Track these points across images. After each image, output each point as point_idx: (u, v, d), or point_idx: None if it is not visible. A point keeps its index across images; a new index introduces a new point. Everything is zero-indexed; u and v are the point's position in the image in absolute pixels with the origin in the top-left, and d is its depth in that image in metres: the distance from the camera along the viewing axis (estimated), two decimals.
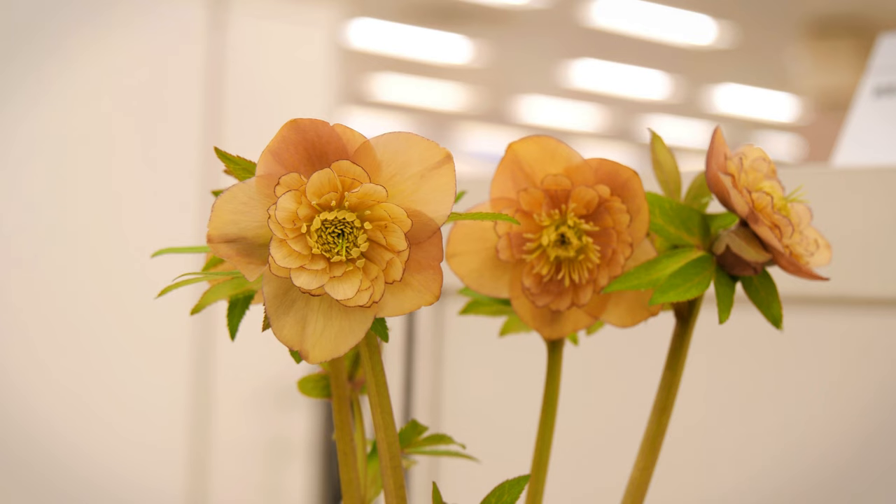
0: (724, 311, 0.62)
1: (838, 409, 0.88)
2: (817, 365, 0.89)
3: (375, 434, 0.62)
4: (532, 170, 0.64)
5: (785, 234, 0.62)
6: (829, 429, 0.88)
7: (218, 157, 0.58)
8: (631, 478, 0.66)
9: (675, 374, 0.66)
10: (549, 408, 0.68)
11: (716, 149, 0.63)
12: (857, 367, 0.88)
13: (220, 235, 0.55)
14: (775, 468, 0.90)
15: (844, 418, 0.88)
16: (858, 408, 0.87)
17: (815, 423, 0.89)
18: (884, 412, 0.86)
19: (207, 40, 3.14)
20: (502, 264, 0.65)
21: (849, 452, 0.88)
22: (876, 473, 0.87)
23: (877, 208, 0.87)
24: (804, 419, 0.89)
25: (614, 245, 0.63)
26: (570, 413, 0.85)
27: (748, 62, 8.86)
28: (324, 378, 0.70)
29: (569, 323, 0.67)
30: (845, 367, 0.88)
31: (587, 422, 0.99)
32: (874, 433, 0.87)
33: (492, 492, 0.62)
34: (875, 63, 1.05)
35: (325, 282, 0.54)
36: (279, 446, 3.27)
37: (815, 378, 0.89)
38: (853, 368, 0.88)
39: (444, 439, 0.71)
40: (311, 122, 0.54)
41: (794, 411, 0.90)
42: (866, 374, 0.87)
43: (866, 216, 0.87)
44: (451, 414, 1.08)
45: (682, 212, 0.64)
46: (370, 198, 0.54)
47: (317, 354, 0.56)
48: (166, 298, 2.12)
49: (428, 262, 0.56)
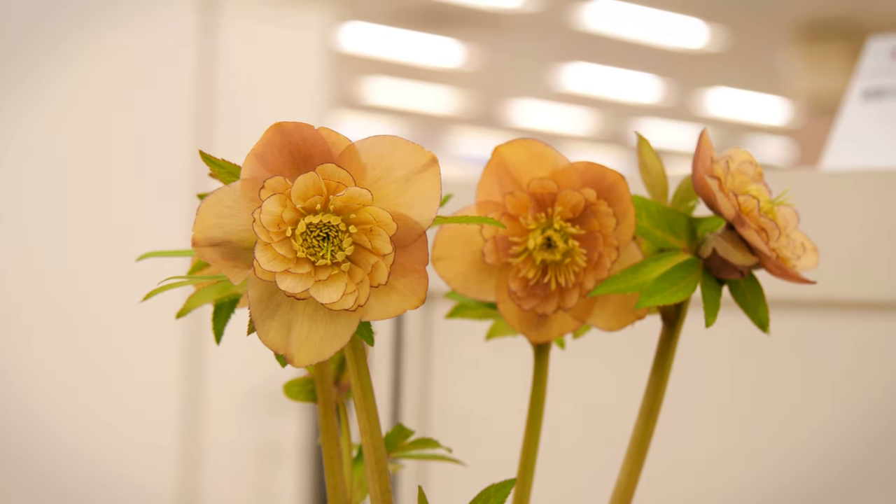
0: (711, 314, 0.62)
1: (825, 413, 0.88)
2: (804, 369, 0.89)
3: (361, 438, 0.61)
4: (518, 173, 0.64)
5: (772, 238, 0.62)
6: (815, 432, 0.88)
7: (203, 161, 0.58)
8: (617, 482, 0.66)
9: (661, 378, 0.66)
10: (536, 411, 0.68)
11: (702, 152, 0.62)
12: (844, 370, 0.88)
13: (205, 239, 0.55)
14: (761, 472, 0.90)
15: (831, 421, 0.88)
16: (845, 411, 0.87)
17: (801, 426, 0.89)
18: (871, 415, 0.86)
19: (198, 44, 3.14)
20: (488, 268, 0.65)
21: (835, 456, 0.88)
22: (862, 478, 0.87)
23: (864, 211, 0.87)
24: (790, 423, 0.89)
25: (601, 248, 0.63)
26: (557, 417, 0.85)
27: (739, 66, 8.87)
28: (310, 382, 0.70)
29: (555, 326, 0.67)
30: (832, 370, 0.88)
31: (574, 425, 0.99)
32: (861, 436, 0.87)
33: (478, 495, 0.62)
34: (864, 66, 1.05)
35: (310, 285, 0.54)
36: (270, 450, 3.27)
37: (801, 382, 0.89)
38: (840, 372, 0.88)
39: (430, 443, 0.71)
40: (295, 125, 0.54)
41: (780, 415, 0.90)
42: (854, 378, 0.87)
43: (854, 219, 0.87)
44: (439, 418, 1.08)
45: (668, 215, 0.64)
46: (355, 201, 0.54)
47: (302, 358, 0.56)
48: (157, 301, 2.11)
49: (413, 265, 0.55)
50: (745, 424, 0.92)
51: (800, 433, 0.89)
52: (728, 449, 0.93)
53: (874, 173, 0.88)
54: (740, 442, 0.92)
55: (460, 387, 1.07)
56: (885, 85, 1.03)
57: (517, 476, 0.67)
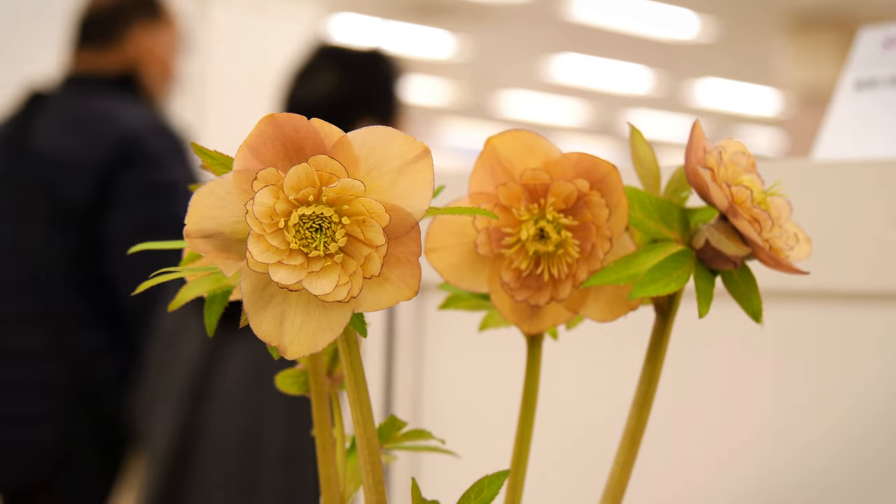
0: (704, 305, 0.62)
1: (818, 403, 0.88)
2: (797, 359, 0.90)
3: (354, 429, 0.61)
4: (511, 164, 0.64)
5: (764, 228, 0.62)
6: (807, 423, 0.88)
7: (195, 152, 0.57)
8: (611, 473, 0.66)
9: (654, 369, 0.66)
10: (529, 403, 0.68)
11: (695, 143, 0.62)
12: (837, 361, 0.88)
13: (198, 230, 0.55)
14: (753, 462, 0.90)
15: (824, 413, 0.88)
16: (839, 402, 0.87)
17: (793, 417, 0.89)
18: (865, 407, 0.87)
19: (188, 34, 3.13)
20: (481, 259, 0.65)
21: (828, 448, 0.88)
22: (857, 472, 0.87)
23: (857, 202, 0.87)
24: (783, 414, 0.89)
25: (593, 239, 0.63)
26: (550, 408, 0.85)
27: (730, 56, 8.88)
28: (303, 373, 0.70)
29: (548, 318, 0.67)
30: (825, 361, 0.88)
31: (567, 417, 0.99)
32: (855, 429, 0.87)
33: (471, 487, 0.62)
34: (856, 57, 1.05)
35: (303, 277, 0.54)
36: None
37: (794, 372, 0.89)
38: (833, 362, 0.88)
39: (423, 434, 0.71)
40: (288, 116, 0.54)
41: (773, 406, 0.90)
42: (847, 368, 0.87)
43: (846, 210, 0.87)
44: (431, 409, 1.08)
45: (661, 206, 0.64)
46: (348, 192, 0.54)
47: (295, 350, 0.55)
48: None
49: (406, 256, 0.55)
50: (737, 415, 0.92)
51: (792, 424, 0.89)
52: (721, 439, 0.93)
53: (866, 164, 0.88)
54: (733, 432, 0.92)
55: (453, 378, 1.07)
56: (877, 75, 1.03)
57: (510, 467, 0.67)
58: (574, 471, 0.99)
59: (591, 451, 0.93)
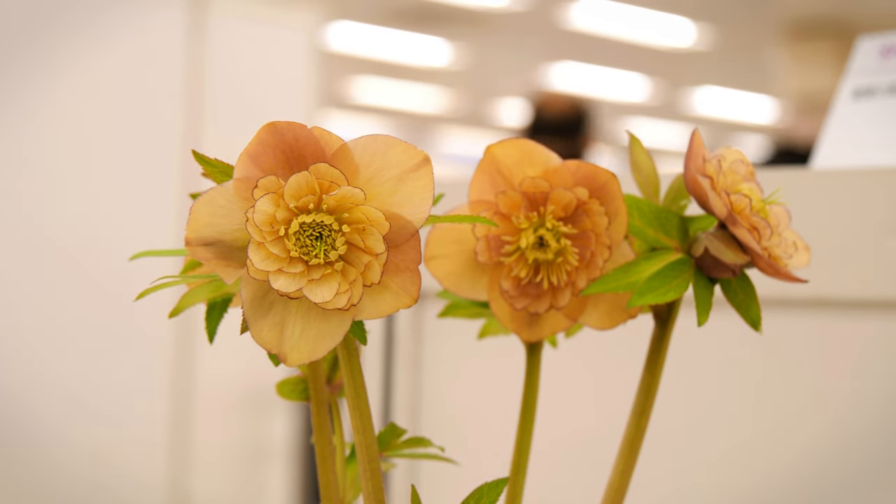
0: (703, 313, 0.62)
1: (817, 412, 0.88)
2: (796, 367, 0.90)
3: (354, 437, 0.61)
4: (510, 172, 0.64)
5: (763, 237, 0.62)
6: (806, 431, 0.89)
7: (196, 161, 0.57)
8: (610, 481, 0.66)
9: (653, 377, 0.66)
10: (528, 410, 0.68)
11: (694, 151, 0.63)
12: (836, 369, 0.88)
13: (198, 238, 0.55)
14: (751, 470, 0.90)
15: (823, 421, 0.88)
16: (837, 409, 0.88)
17: (793, 425, 0.89)
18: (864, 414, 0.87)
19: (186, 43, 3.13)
20: (481, 267, 0.65)
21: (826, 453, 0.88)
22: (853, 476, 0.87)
23: (855, 210, 0.87)
24: (781, 422, 0.89)
25: (593, 247, 0.63)
26: (549, 415, 0.85)
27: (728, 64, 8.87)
28: (302, 381, 0.70)
29: (547, 325, 0.67)
30: (824, 369, 0.88)
31: (566, 424, 0.99)
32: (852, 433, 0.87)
33: (471, 494, 0.62)
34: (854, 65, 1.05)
35: (304, 285, 0.54)
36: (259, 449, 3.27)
37: (793, 381, 0.90)
38: (832, 370, 0.88)
39: (423, 442, 0.71)
40: (288, 124, 0.54)
41: (771, 414, 0.90)
42: (845, 376, 0.87)
43: (845, 218, 0.87)
44: (431, 417, 1.08)
45: (660, 214, 0.64)
46: (348, 200, 0.54)
47: (295, 357, 0.56)
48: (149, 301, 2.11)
49: (406, 264, 0.55)
50: (735, 423, 0.92)
51: (791, 432, 0.89)
52: (718, 447, 0.93)
53: (865, 172, 0.88)
54: (730, 440, 0.92)
55: (452, 386, 1.07)
56: (875, 84, 1.03)
57: (509, 475, 0.67)
58: (573, 478, 0.99)
59: (589, 459, 0.93)
